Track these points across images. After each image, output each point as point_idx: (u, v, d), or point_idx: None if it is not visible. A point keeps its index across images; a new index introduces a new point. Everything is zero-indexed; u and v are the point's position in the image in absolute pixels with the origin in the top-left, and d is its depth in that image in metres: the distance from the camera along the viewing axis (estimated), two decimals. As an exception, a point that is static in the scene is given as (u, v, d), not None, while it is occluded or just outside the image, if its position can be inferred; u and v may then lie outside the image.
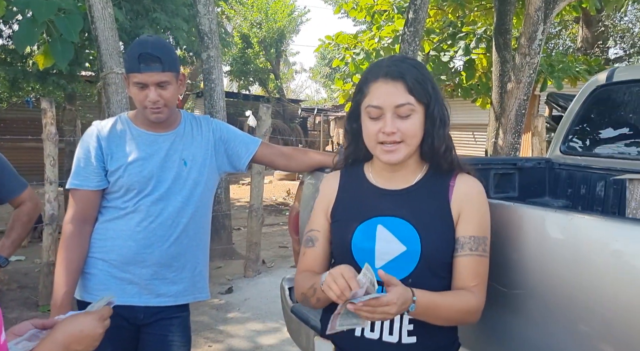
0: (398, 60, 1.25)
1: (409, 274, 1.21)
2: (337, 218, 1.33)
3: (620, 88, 2.59)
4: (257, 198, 4.75)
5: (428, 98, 1.22)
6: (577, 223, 1.15)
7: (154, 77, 1.61)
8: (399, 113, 1.20)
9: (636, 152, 2.48)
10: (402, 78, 1.20)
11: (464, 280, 1.21)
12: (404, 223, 1.23)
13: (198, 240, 1.81)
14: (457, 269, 1.22)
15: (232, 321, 3.86)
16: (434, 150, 1.25)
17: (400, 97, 1.20)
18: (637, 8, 12.76)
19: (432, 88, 1.23)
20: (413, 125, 1.21)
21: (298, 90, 32.33)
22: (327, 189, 1.39)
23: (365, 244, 1.25)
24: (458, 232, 1.23)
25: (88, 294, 1.71)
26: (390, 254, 1.22)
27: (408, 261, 1.21)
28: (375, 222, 1.25)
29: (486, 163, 2.60)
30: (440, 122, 1.24)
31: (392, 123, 1.20)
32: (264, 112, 4.56)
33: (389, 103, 1.20)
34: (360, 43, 8.65)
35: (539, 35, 5.40)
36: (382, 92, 1.21)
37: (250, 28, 17.37)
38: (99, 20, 3.95)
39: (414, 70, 1.23)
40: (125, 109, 4.06)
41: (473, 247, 1.21)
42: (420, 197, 1.27)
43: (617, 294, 1.07)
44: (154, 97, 1.62)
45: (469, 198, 1.25)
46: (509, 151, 5.77)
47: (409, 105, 1.20)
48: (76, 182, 1.69)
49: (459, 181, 1.28)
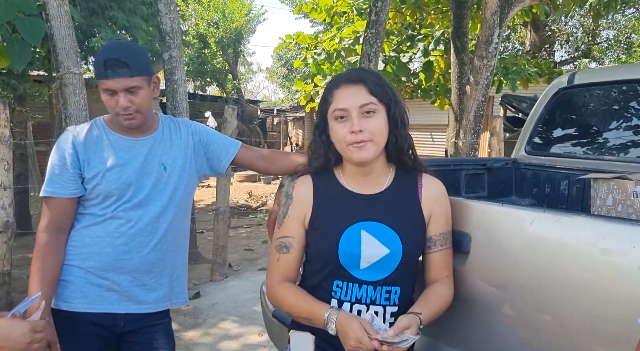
0: (357, 70, 1.37)
1: (390, 273, 1.31)
2: (319, 225, 1.37)
3: (580, 91, 2.72)
4: (223, 200, 4.67)
5: (388, 100, 1.32)
6: (565, 223, 1.19)
7: (121, 83, 1.56)
8: (364, 112, 1.28)
9: (597, 151, 2.60)
10: (362, 81, 1.30)
11: (437, 273, 1.36)
12: (385, 227, 1.32)
13: (177, 245, 1.78)
14: (432, 263, 1.35)
15: (202, 326, 3.79)
16: (399, 148, 1.34)
17: (363, 97, 1.29)
18: (580, 14, 13.41)
19: (390, 92, 1.33)
20: (378, 123, 1.29)
21: (255, 91, 32.07)
22: (302, 196, 1.40)
23: (351, 249, 1.31)
24: (430, 231, 1.35)
25: (65, 302, 1.65)
26: (375, 257, 1.30)
27: (391, 262, 1.31)
28: (358, 227, 1.32)
29: (458, 164, 2.67)
30: (401, 122, 1.33)
31: (358, 122, 1.27)
32: (229, 113, 4.50)
33: (353, 104, 1.28)
34: (320, 43, 8.68)
35: (495, 38, 5.58)
36: (346, 95, 1.30)
37: (207, 28, 17.09)
38: (55, 18, 3.77)
39: (372, 75, 1.33)
40: (83, 110, 3.91)
41: (443, 242, 1.36)
42: (394, 200, 1.35)
43: (606, 290, 1.12)
44: (124, 103, 1.58)
45: (437, 199, 1.37)
46: (468, 151, 5.94)
47: (372, 105, 1.29)
48: (50, 189, 1.63)
49: (425, 182, 1.38)
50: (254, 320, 3.85)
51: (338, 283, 1.32)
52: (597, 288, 1.13)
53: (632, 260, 1.08)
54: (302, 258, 1.41)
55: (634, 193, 2.03)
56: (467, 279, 1.41)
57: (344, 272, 1.31)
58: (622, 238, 1.10)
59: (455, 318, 1.46)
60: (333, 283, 1.32)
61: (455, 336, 1.50)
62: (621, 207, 2.06)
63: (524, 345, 1.32)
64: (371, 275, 1.30)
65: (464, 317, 1.44)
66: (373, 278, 1.30)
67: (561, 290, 1.19)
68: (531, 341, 1.30)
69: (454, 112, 6.58)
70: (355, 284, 1.30)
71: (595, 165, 2.48)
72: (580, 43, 15.70)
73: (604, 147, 2.60)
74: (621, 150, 2.51)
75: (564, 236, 1.18)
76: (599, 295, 1.12)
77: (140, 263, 1.67)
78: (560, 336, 1.23)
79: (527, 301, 1.28)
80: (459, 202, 1.47)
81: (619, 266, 1.11)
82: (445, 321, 1.47)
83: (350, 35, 8.09)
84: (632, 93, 2.54)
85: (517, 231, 1.29)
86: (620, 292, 1.11)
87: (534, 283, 1.25)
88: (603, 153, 2.56)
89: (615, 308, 1.11)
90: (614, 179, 2.09)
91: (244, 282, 4.78)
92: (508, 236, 1.32)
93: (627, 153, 2.46)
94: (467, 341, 1.47)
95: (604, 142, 2.63)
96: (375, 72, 1.38)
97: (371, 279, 1.30)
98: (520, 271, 1.28)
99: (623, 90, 2.57)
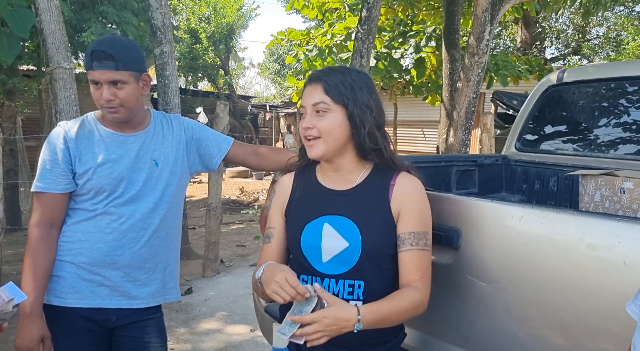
0: (328, 69, 1.39)
1: (352, 267, 1.32)
2: (289, 217, 1.44)
3: (570, 88, 2.75)
4: (215, 196, 4.67)
5: (345, 100, 1.32)
6: (553, 219, 1.21)
7: (106, 75, 1.57)
8: (316, 111, 1.33)
9: (586, 148, 2.64)
10: (319, 80, 1.35)
11: (408, 275, 1.31)
12: (347, 221, 1.34)
13: (169, 241, 1.79)
14: (401, 264, 1.33)
15: (194, 322, 3.79)
16: (362, 149, 1.35)
17: (316, 97, 1.33)
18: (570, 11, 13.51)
19: (350, 91, 1.33)
20: (329, 123, 1.32)
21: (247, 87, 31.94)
22: (283, 189, 1.48)
23: (312, 241, 1.35)
24: (399, 229, 1.34)
25: (56, 298, 1.66)
26: (335, 250, 1.33)
27: (350, 255, 1.32)
28: (322, 220, 1.36)
29: (449, 161, 2.69)
30: (360, 122, 1.33)
31: (309, 119, 1.34)
32: (221, 109, 4.49)
33: (308, 102, 1.35)
34: (312, 40, 8.67)
35: (487, 35, 5.61)
36: (305, 93, 1.37)
37: (198, 23, 16.98)
38: (45, 12, 3.73)
39: (337, 75, 1.35)
40: (74, 105, 3.88)
41: (413, 242, 1.32)
42: (363, 196, 1.37)
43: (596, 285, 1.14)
44: (107, 95, 1.58)
45: (407, 197, 1.35)
46: (459, 147, 5.97)
47: (324, 104, 1.32)
48: (42, 184, 1.63)
49: (399, 180, 1.38)
50: (246, 316, 3.86)
51: (303, 277, 1.36)
52: (585, 282, 1.15)
53: (617, 255, 1.11)
54: (284, 247, 1.46)
55: (621, 189, 2.07)
56: (457, 274, 1.43)
57: (308, 265, 1.36)
58: (608, 233, 1.13)
59: (445, 313, 1.48)
60: (300, 277, 1.34)
61: (446, 331, 1.52)
62: (609, 202, 2.09)
63: (514, 339, 1.34)
64: (333, 268, 1.33)
65: (455, 312, 1.46)
66: (335, 272, 1.32)
67: (550, 285, 1.21)
68: (521, 335, 1.32)
69: (446, 109, 6.61)
70: (317, 278, 1.34)
71: (584, 161, 2.51)
72: (571, 40, 15.82)
73: (593, 143, 2.63)
74: (610, 147, 2.54)
75: (552, 231, 1.21)
76: (587, 289, 1.15)
77: (132, 258, 1.67)
78: (549, 330, 1.26)
79: (516, 296, 1.30)
80: (448, 198, 1.49)
81: (605, 261, 1.14)
82: (436, 316, 1.49)
83: (342, 32, 8.09)
84: (621, 91, 2.58)
85: (506, 227, 1.31)
86: (607, 286, 1.13)
87: (522, 278, 1.27)
88: (592, 150, 2.60)
89: (603, 302, 1.14)
90: (602, 176, 2.12)
91: (235, 278, 4.78)
92: (497, 232, 1.34)
93: (615, 150, 2.50)
94: (458, 336, 1.49)
95: (593, 139, 2.66)
96: (346, 71, 1.38)
97: (333, 272, 1.32)
98: (510, 267, 1.30)
99: (612, 87, 2.61)
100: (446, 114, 6.52)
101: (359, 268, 1.31)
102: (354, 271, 1.31)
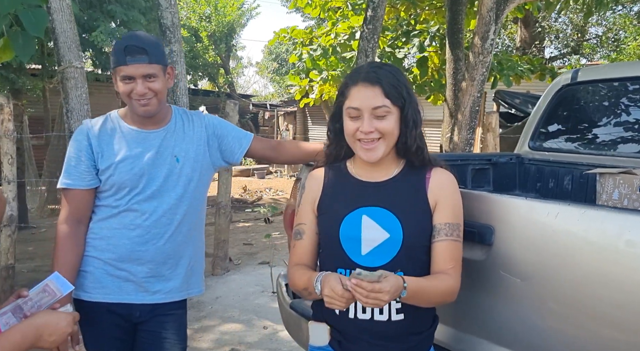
0: (376, 67, 1.38)
1: (392, 258, 1.33)
2: (324, 211, 1.44)
3: (584, 87, 2.78)
4: (225, 195, 4.69)
5: (402, 102, 1.35)
6: (590, 215, 1.25)
7: (140, 69, 1.60)
8: (375, 114, 1.33)
9: (599, 147, 2.67)
10: (379, 83, 1.33)
11: (441, 264, 1.34)
12: (387, 212, 1.35)
13: (192, 236, 1.82)
14: (435, 253, 1.35)
15: (206, 319, 3.82)
16: (407, 148, 1.38)
17: (377, 100, 1.32)
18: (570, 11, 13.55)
19: (406, 92, 1.36)
20: (389, 124, 1.34)
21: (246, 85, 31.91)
22: (313, 185, 1.49)
23: (352, 233, 1.36)
24: (435, 219, 1.36)
25: (84, 292, 1.70)
26: (375, 241, 1.34)
27: (391, 247, 1.34)
28: (360, 212, 1.37)
29: (465, 159, 2.72)
30: (413, 123, 1.36)
31: (369, 124, 1.32)
32: (231, 108, 4.51)
33: (367, 106, 1.33)
34: (316, 38, 8.68)
35: (491, 34, 5.64)
36: (360, 95, 1.34)
37: (199, 21, 16.95)
38: (57, 11, 3.75)
39: (390, 76, 1.35)
40: (84, 104, 3.91)
41: (448, 232, 1.34)
42: (399, 188, 1.39)
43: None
44: (141, 89, 1.61)
45: (443, 189, 1.38)
46: (464, 146, 6.00)
47: (385, 108, 1.33)
48: (68, 181, 1.68)
49: (434, 174, 1.41)
50: (258, 313, 3.89)
51: (341, 271, 1.36)
52: (624, 279, 1.18)
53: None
54: (315, 243, 1.46)
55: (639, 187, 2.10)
56: (489, 270, 1.46)
57: (346, 258, 1.36)
58: (646, 230, 1.15)
59: (478, 308, 1.51)
60: (337, 271, 1.35)
61: (478, 327, 1.55)
62: (627, 201, 2.12)
63: (546, 335, 1.37)
64: (372, 260, 1.33)
65: (487, 308, 1.49)
66: (374, 264, 1.32)
67: (586, 282, 1.24)
68: (553, 331, 1.35)
69: (449, 108, 6.64)
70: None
71: (597, 160, 2.54)
72: (570, 39, 15.87)
73: (606, 142, 2.67)
74: (623, 146, 2.58)
75: (589, 228, 1.24)
76: (625, 286, 1.17)
77: (156, 254, 1.71)
78: (582, 327, 1.29)
79: (551, 292, 1.33)
80: (481, 195, 1.52)
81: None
82: (468, 312, 1.53)
83: (345, 31, 8.11)
84: (634, 90, 2.61)
85: (542, 224, 1.33)
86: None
87: (558, 274, 1.30)
88: (605, 148, 2.63)
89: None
90: (620, 174, 2.15)
91: (245, 276, 4.81)
92: (532, 228, 1.37)
93: (629, 148, 2.53)
94: (489, 331, 1.52)
95: (605, 137, 2.70)
96: (394, 70, 1.39)
97: (372, 265, 1.32)
98: (545, 263, 1.33)
99: (626, 86, 2.64)
100: (450, 113, 6.56)
101: (397, 260, 1.32)
102: (393, 263, 1.32)
